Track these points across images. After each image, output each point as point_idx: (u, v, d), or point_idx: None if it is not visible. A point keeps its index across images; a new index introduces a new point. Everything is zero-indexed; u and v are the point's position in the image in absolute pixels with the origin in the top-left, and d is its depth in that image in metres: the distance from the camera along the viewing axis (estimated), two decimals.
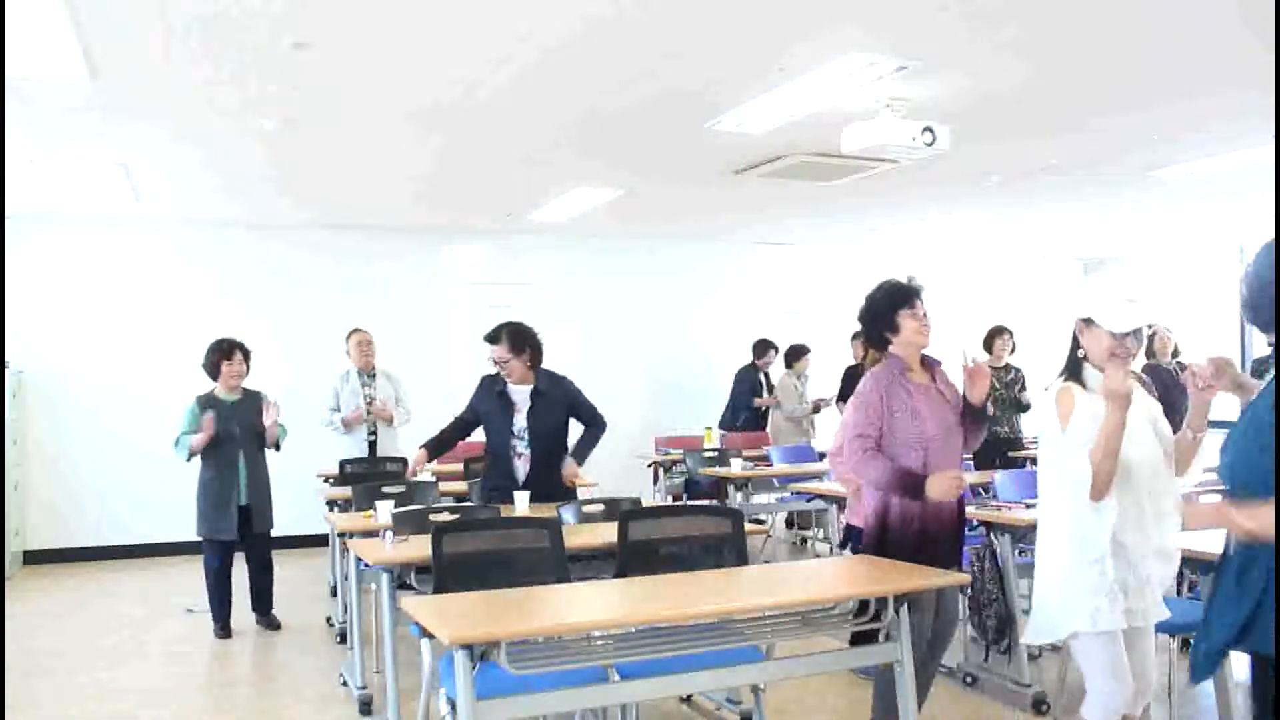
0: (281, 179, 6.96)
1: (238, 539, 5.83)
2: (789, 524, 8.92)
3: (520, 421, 4.89)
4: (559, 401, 4.95)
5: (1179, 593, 4.73)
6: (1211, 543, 3.61)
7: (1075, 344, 3.10)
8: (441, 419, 9.01)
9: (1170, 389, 5.43)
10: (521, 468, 4.87)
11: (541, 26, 3.98)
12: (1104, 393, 2.87)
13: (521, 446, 4.89)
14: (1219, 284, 10.13)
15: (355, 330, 7.23)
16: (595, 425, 5.05)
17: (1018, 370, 7.82)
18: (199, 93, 4.83)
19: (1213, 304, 10.03)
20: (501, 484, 4.85)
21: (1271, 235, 2.39)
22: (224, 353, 5.89)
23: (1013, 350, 7.86)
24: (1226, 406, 2.86)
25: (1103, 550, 2.93)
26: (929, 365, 3.58)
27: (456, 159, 6.33)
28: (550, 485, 4.85)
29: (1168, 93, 5.06)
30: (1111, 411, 2.86)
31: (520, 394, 4.93)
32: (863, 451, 3.37)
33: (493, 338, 4.95)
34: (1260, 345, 9.55)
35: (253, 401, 5.93)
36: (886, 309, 3.52)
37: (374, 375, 7.13)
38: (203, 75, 4.55)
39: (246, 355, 5.96)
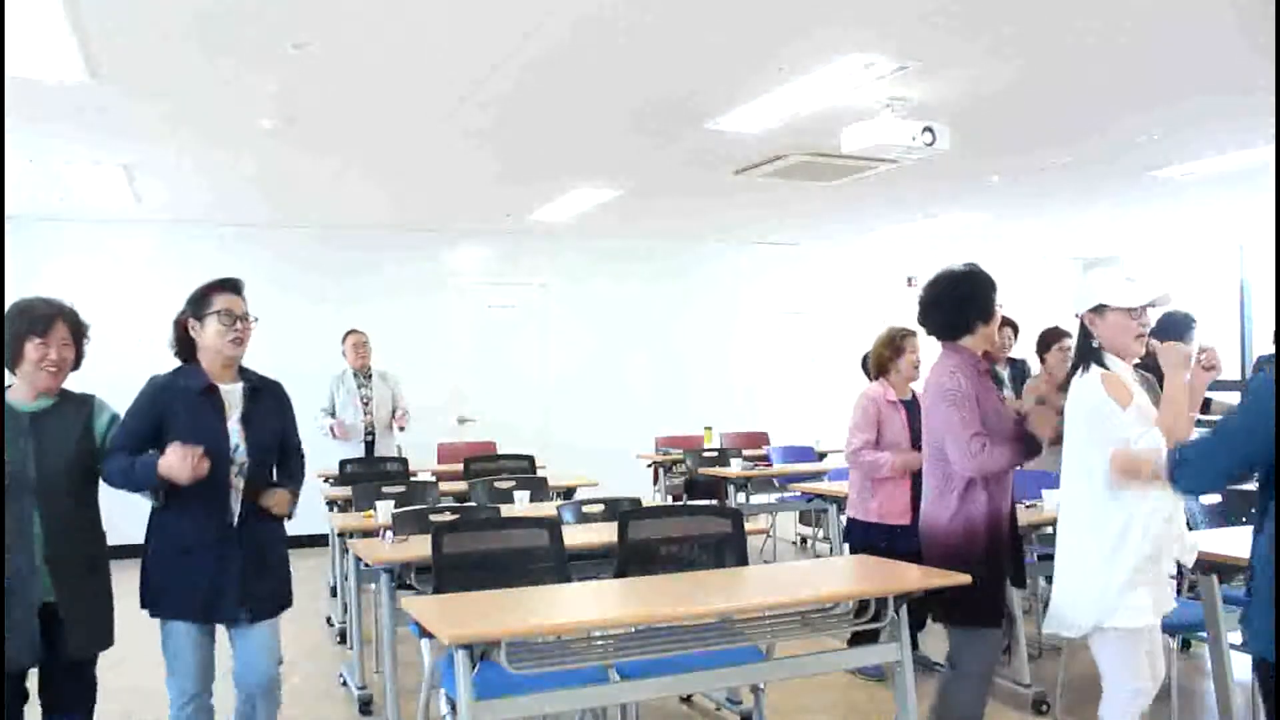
0: (281, 179, 6.96)
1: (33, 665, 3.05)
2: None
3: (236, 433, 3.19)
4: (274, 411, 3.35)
5: (1179, 592, 4.73)
6: (1215, 543, 3.62)
7: (1086, 336, 3.06)
8: (442, 419, 9.14)
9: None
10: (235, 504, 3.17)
11: (541, 27, 3.98)
12: (1164, 363, 2.85)
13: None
14: (1219, 284, 10.14)
15: (351, 331, 7.27)
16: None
17: (1023, 362, 7.75)
18: (199, 93, 4.83)
19: (1213, 304, 10.03)
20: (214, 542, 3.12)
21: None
22: (32, 323, 3.07)
23: (1015, 338, 7.78)
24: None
25: (1155, 539, 2.90)
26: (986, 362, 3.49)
27: (457, 158, 6.33)
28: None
29: (1167, 93, 5.05)
30: (1173, 377, 2.84)
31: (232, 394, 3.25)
32: (981, 449, 3.15)
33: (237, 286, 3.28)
34: (1262, 344, 9.55)
35: (72, 414, 3.14)
36: (970, 306, 3.33)
37: (369, 376, 7.17)
38: (202, 75, 4.55)
39: (77, 331, 3.19)
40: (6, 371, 3.12)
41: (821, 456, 7.94)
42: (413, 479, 6.04)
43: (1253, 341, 9.90)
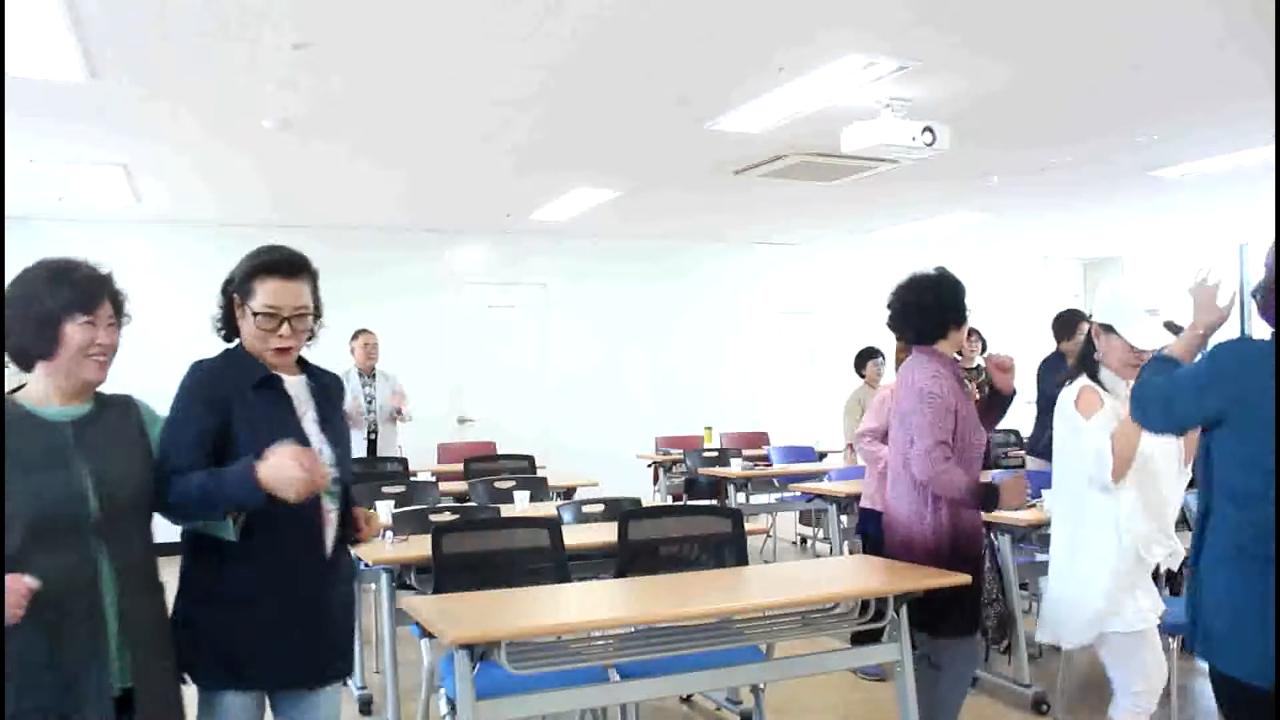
0: (282, 179, 6.96)
1: None
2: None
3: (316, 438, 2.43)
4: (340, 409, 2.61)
5: (1177, 593, 4.73)
6: None
7: (1090, 345, 3.06)
8: (443, 420, 9.14)
9: None
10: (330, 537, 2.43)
11: (542, 28, 3.98)
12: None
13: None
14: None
15: (362, 331, 7.29)
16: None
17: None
18: (199, 93, 4.83)
19: None
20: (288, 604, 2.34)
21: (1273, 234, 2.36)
22: (75, 295, 2.18)
23: (983, 350, 7.78)
24: None
25: (1139, 544, 2.89)
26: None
27: (457, 159, 6.33)
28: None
29: (1167, 94, 5.05)
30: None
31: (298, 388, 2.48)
32: (944, 460, 3.11)
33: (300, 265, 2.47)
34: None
35: (120, 422, 2.29)
36: (943, 310, 3.31)
37: (374, 375, 7.20)
38: (203, 75, 4.55)
39: (119, 308, 2.28)
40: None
41: (821, 456, 7.95)
42: (413, 479, 6.03)
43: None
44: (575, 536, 3.94)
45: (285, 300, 2.39)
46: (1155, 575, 3.13)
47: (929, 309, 3.31)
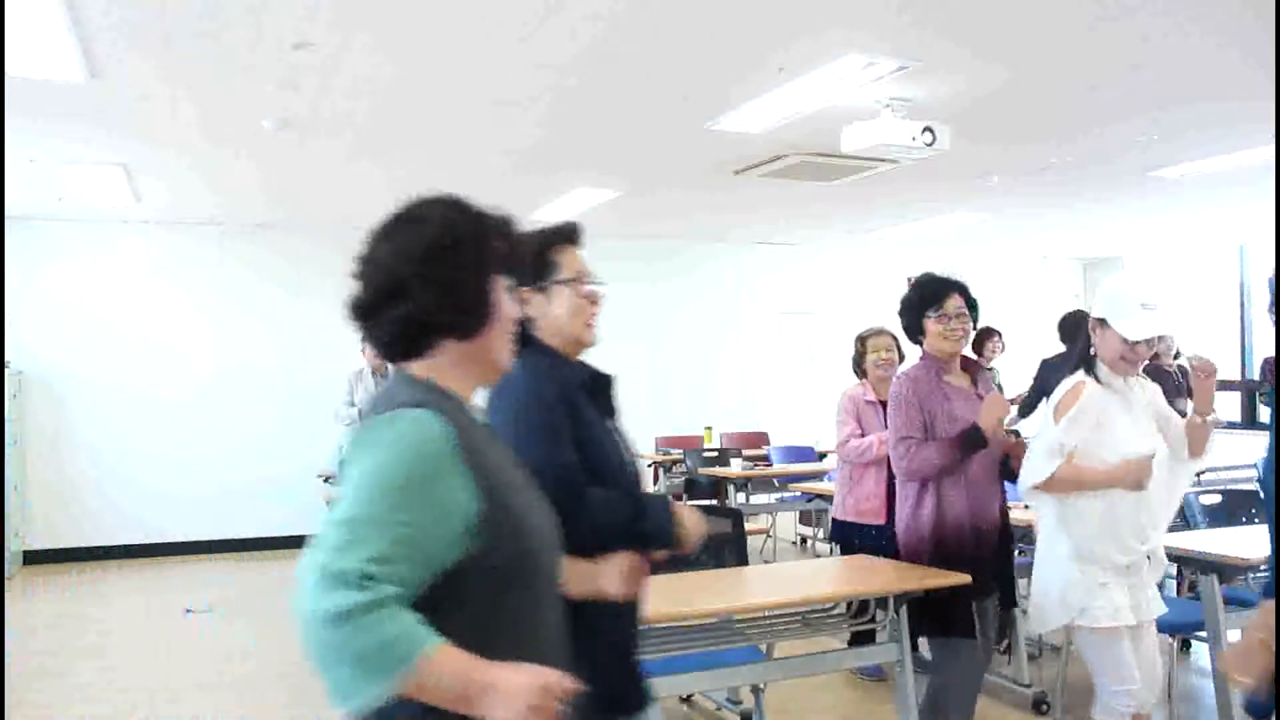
0: (282, 179, 6.96)
1: None
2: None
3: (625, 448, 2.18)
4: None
5: (1179, 593, 4.73)
6: (1214, 543, 3.62)
7: (1088, 340, 3.07)
8: None
9: (1170, 392, 5.40)
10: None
11: (542, 27, 3.98)
12: (1123, 477, 2.86)
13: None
14: (1219, 284, 10.14)
15: None
16: None
17: (996, 371, 7.73)
18: (199, 93, 4.83)
19: (1213, 304, 10.03)
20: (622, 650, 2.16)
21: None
22: (512, 246, 1.76)
23: (1002, 350, 7.77)
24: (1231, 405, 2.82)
25: (1094, 545, 2.92)
26: (970, 367, 3.45)
27: (457, 159, 6.33)
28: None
29: (1167, 91, 5.05)
30: (1112, 478, 2.87)
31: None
32: (908, 450, 3.22)
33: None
34: (1263, 345, 9.55)
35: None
36: (911, 309, 3.38)
37: (385, 375, 7.21)
38: (203, 75, 4.55)
39: None
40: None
41: (821, 456, 7.95)
42: None
43: (1253, 342, 9.90)
44: None
45: (584, 268, 2.09)
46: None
47: (905, 311, 3.44)
